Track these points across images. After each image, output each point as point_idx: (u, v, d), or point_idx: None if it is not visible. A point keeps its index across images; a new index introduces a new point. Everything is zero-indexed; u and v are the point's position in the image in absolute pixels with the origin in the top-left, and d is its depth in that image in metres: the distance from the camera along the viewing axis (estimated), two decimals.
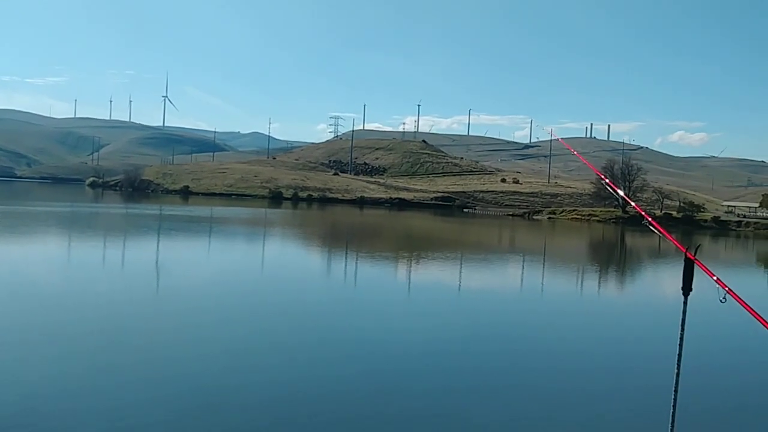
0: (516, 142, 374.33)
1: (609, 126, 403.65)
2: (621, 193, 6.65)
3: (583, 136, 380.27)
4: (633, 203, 6.94)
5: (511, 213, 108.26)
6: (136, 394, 11.34)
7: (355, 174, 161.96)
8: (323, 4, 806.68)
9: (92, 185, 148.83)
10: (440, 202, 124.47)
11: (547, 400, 12.60)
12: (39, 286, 22.54)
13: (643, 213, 5.68)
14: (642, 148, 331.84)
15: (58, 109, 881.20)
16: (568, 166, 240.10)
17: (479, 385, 13.43)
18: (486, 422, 11.28)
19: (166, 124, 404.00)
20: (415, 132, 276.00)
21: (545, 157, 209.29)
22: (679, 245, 4.39)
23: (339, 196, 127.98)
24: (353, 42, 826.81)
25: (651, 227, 4.95)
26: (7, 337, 14.81)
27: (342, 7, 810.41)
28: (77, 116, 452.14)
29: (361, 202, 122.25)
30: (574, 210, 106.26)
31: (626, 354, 17.10)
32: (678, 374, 4.13)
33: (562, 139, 13.36)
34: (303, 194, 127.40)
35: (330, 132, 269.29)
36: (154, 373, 12.66)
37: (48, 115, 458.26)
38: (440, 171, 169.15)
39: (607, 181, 7.51)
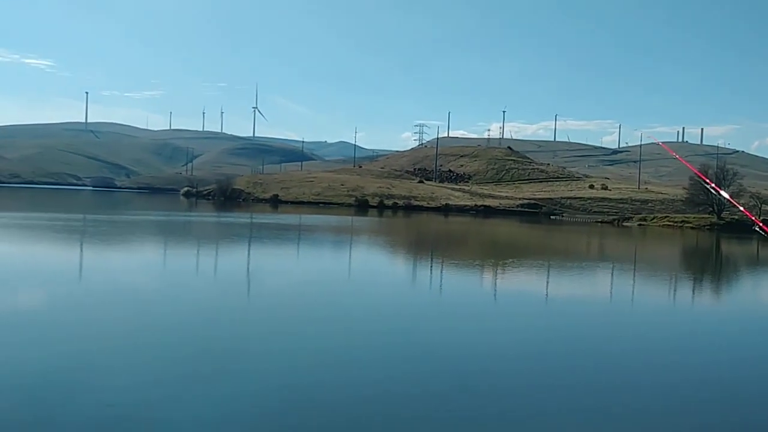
0: (604, 147, 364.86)
1: (702, 129, 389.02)
2: (726, 194, 6.67)
3: (675, 140, 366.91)
4: (741, 207, 6.96)
5: (599, 220, 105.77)
6: (229, 404, 11.74)
7: (440, 181, 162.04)
8: (407, 13, 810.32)
9: (186, 195, 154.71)
10: (526, 209, 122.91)
11: (642, 417, 12.49)
12: (135, 292, 23.82)
13: (753, 217, 5.72)
14: (738, 152, 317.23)
15: (155, 121, 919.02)
16: (659, 171, 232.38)
17: (567, 399, 13.41)
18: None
19: (256, 135, 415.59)
20: (500, 138, 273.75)
21: (635, 162, 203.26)
22: None
23: (424, 203, 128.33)
24: (437, 49, 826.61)
25: (763, 232, 4.97)
26: (102, 344, 15.75)
27: (426, 14, 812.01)
28: (172, 128, 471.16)
29: (446, 210, 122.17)
30: (665, 216, 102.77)
31: (727, 375, 16.63)
32: None
33: (661, 142, 13.13)
34: (388, 202, 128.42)
35: (414, 140, 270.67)
36: (247, 383, 13.09)
37: (145, 128, 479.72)
38: (526, 177, 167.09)
39: (712, 184, 7.54)
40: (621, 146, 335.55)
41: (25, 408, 10.94)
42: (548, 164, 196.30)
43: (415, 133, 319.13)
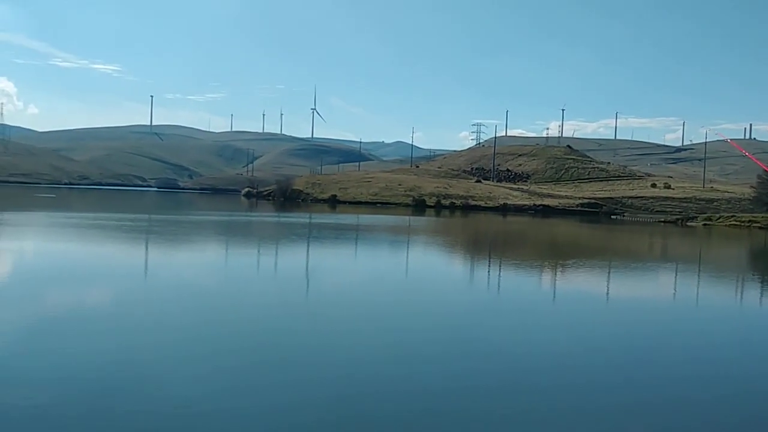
0: (667, 145, 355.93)
1: None
2: None
3: (742, 137, 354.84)
4: None
5: (662, 219, 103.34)
6: (286, 396, 12.10)
7: (497, 181, 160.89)
8: (462, 12, 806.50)
9: (247, 195, 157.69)
10: (586, 209, 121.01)
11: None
12: (199, 289, 24.58)
13: None
14: None
15: (216, 123, 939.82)
16: (725, 170, 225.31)
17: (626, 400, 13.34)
18: None
19: (314, 136, 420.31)
20: (559, 137, 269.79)
21: (699, 160, 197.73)
22: None
23: (481, 203, 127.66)
24: (494, 48, 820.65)
25: None
26: (164, 337, 16.38)
27: (481, 13, 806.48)
28: (233, 130, 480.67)
29: (504, 209, 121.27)
30: (732, 216, 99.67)
31: None
32: None
33: (730, 139, 12.86)
34: (446, 202, 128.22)
35: (472, 139, 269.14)
36: (304, 376, 13.43)
37: (207, 130, 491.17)
38: (586, 176, 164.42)
39: None
40: (685, 144, 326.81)
41: (93, 400, 11.51)
42: (609, 163, 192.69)
43: (472, 132, 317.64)
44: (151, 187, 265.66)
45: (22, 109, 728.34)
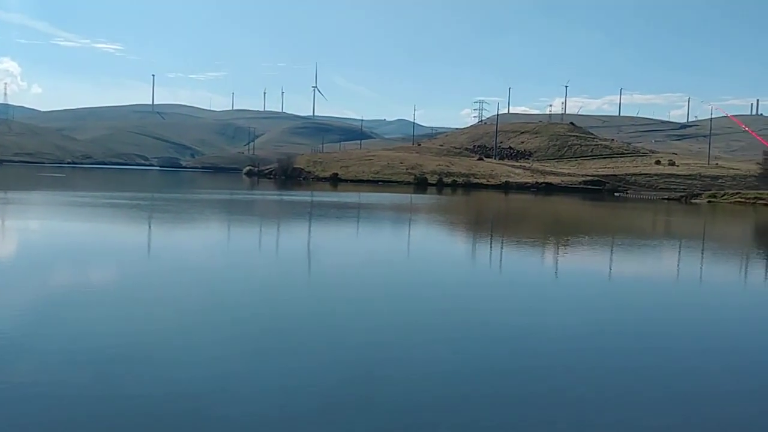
0: (672, 122, 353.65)
1: None
2: None
3: (748, 113, 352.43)
4: None
5: (666, 197, 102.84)
6: (288, 379, 12.02)
7: (500, 159, 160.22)
8: None
9: (249, 174, 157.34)
10: (589, 186, 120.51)
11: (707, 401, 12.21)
12: (203, 269, 24.44)
13: None
14: None
15: (218, 102, 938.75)
16: (731, 146, 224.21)
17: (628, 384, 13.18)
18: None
19: (315, 114, 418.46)
20: (562, 114, 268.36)
21: (704, 137, 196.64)
22: None
23: (483, 181, 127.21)
24: (497, 25, 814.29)
25: None
26: (168, 319, 16.26)
27: None
28: (234, 108, 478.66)
29: (506, 187, 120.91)
30: (737, 193, 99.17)
31: None
32: None
33: (733, 116, 12.53)
34: (447, 180, 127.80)
35: (474, 117, 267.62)
36: (306, 360, 13.35)
37: (209, 108, 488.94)
38: (589, 154, 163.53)
39: None
40: (690, 120, 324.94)
41: (95, 383, 11.41)
42: (612, 140, 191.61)
43: (474, 110, 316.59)
44: (153, 166, 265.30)
45: (26, 89, 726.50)
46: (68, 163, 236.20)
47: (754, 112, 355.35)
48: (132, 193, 73.61)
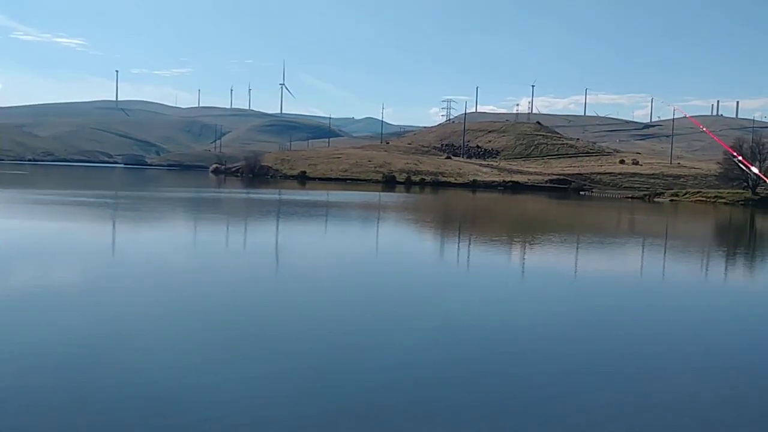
0: (635, 122, 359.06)
1: (737, 103, 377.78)
2: (755, 170, 6.57)
3: (709, 113, 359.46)
4: None
5: (630, 195, 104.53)
6: (259, 369, 12.23)
7: (467, 157, 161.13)
8: None
9: (215, 172, 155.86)
10: (555, 185, 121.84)
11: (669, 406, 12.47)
12: (168, 266, 24.22)
13: None
14: None
15: (183, 99, 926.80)
16: (692, 146, 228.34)
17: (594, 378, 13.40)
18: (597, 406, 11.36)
19: (283, 112, 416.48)
20: (528, 114, 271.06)
21: (667, 137, 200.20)
22: None
23: (451, 179, 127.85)
24: (465, 24, 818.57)
25: None
26: (138, 314, 16.13)
27: None
28: (201, 105, 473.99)
29: (474, 186, 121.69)
30: (698, 192, 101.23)
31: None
32: None
33: (692, 116, 12.85)
34: (416, 178, 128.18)
35: (442, 116, 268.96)
36: (274, 350, 13.56)
37: (174, 105, 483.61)
38: (555, 153, 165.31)
39: (740, 158, 7.44)
40: (653, 120, 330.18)
41: (61, 389, 11.22)
42: (578, 139, 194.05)
43: (442, 108, 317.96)
44: (117, 163, 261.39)
45: None
46: (29, 161, 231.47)
47: (715, 113, 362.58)
48: (97, 191, 72.46)
